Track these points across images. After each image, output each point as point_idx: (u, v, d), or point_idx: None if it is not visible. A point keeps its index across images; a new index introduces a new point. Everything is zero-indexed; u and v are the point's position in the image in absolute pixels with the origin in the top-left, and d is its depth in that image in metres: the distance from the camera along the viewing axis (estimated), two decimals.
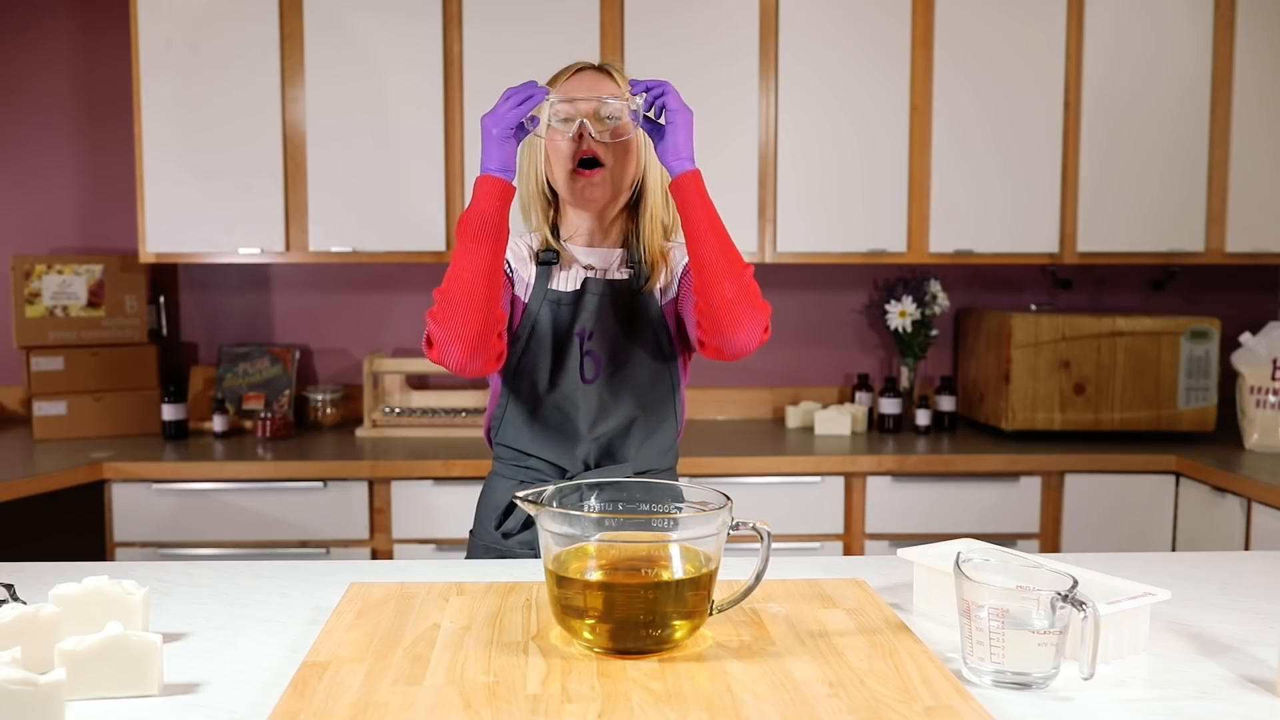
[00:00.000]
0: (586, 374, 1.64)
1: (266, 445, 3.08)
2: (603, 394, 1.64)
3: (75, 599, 1.18)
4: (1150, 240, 3.18)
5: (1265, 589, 1.49)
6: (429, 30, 3.03)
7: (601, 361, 1.64)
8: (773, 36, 3.09)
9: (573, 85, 1.63)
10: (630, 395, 1.65)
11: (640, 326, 1.66)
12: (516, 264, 1.67)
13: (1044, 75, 3.13)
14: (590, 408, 1.64)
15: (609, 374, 1.65)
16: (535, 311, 1.65)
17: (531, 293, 1.66)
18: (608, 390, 1.65)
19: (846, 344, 3.54)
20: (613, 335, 1.65)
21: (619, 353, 1.65)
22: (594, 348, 1.64)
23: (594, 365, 1.64)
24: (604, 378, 1.64)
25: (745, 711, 1.01)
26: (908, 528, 2.93)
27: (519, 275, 1.67)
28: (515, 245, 1.69)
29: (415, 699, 1.03)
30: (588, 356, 1.64)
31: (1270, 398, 2.95)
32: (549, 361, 1.64)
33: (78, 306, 3.16)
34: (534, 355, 1.65)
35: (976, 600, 1.11)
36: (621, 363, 1.65)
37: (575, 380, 1.63)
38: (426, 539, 2.86)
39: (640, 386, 1.66)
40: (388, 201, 3.07)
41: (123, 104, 3.35)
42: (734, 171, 3.11)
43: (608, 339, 1.65)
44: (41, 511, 3.00)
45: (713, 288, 1.49)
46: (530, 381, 1.65)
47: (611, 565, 1.16)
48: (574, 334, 1.64)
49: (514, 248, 1.68)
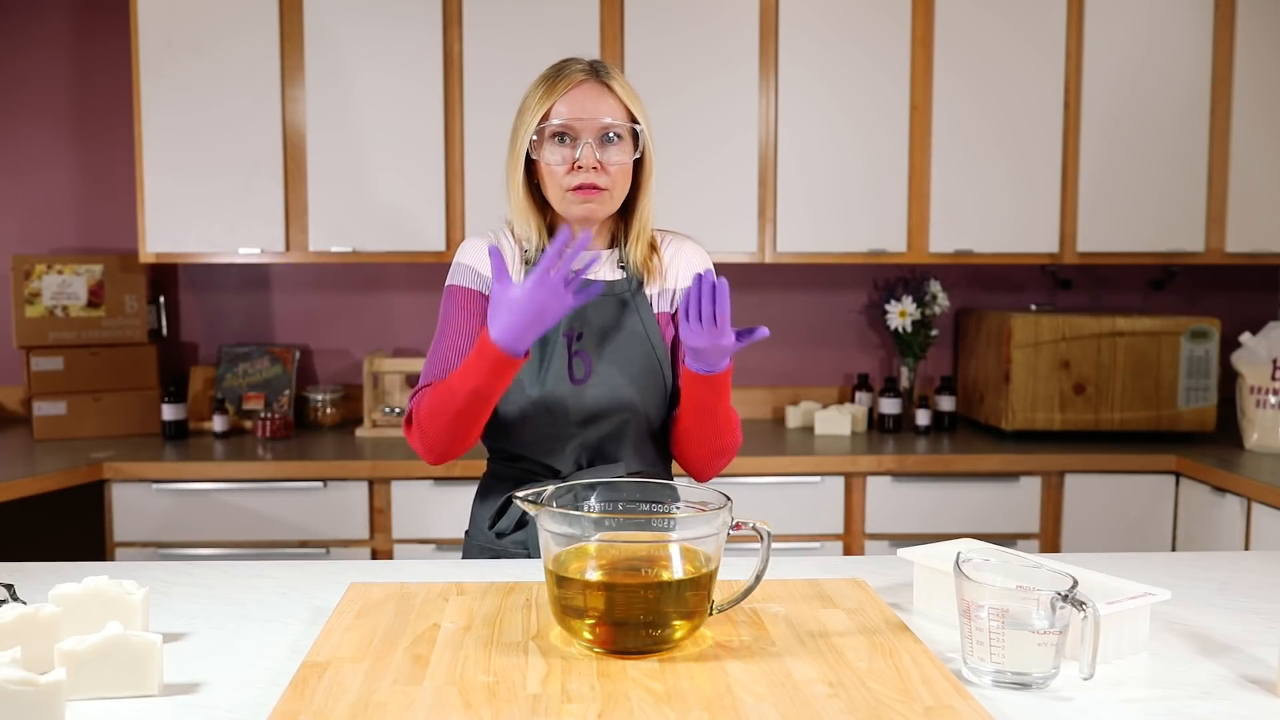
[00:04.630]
0: (576, 374, 1.60)
1: (266, 445, 3.08)
2: (593, 395, 1.60)
3: (75, 599, 1.18)
4: (1150, 240, 3.18)
5: (1265, 589, 1.49)
6: (429, 31, 3.03)
7: (592, 362, 1.61)
8: (772, 37, 3.09)
9: (572, 100, 1.56)
10: (622, 396, 1.61)
11: (632, 328, 1.63)
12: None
13: (1044, 75, 3.13)
14: (580, 409, 1.60)
15: (599, 375, 1.60)
16: None
17: None
18: (598, 391, 1.60)
19: (846, 344, 3.54)
20: (603, 336, 1.62)
21: (610, 353, 1.61)
22: (584, 348, 1.61)
23: (584, 366, 1.60)
24: (594, 379, 1.60)
25: (745, 711, 1.01)
26: (908, 528, 2.93)
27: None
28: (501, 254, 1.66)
29: (415, 699, 1.03)
30: (577, 357, 1.60)
31: (1270, 398, 2.95)
32: (536, 363, 1.60)
33: (78, 306, 3.16)
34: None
35: (976, 600, 1.11)
36: (612, 363, 1.61)
37: (564, 381, 1.59)
38: (426, 539, 2.86)
39: (632, 387, 1.61)
40: (388, 201, 3.07)
41: (123, 104, 3.35)
42: (734, 172, 3.11)
43: (598, 339, 1.61)
44: (41, 511, 3.00)
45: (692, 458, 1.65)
46: (518, 383, 1.60)
47: (611, 565, 1.16)
48: (561, 335, 1.60)
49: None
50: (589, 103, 1.56)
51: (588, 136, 1.55)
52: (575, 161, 1.55)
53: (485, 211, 3.06)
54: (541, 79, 1.61)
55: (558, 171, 1.56)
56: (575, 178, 1.55)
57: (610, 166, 1.56)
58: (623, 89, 1.59)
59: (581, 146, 1.54)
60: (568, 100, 1.56)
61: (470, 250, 1.66)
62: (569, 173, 1.56)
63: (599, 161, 1.55)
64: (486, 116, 3.05)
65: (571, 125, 1.55)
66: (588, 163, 1.54)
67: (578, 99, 1.56)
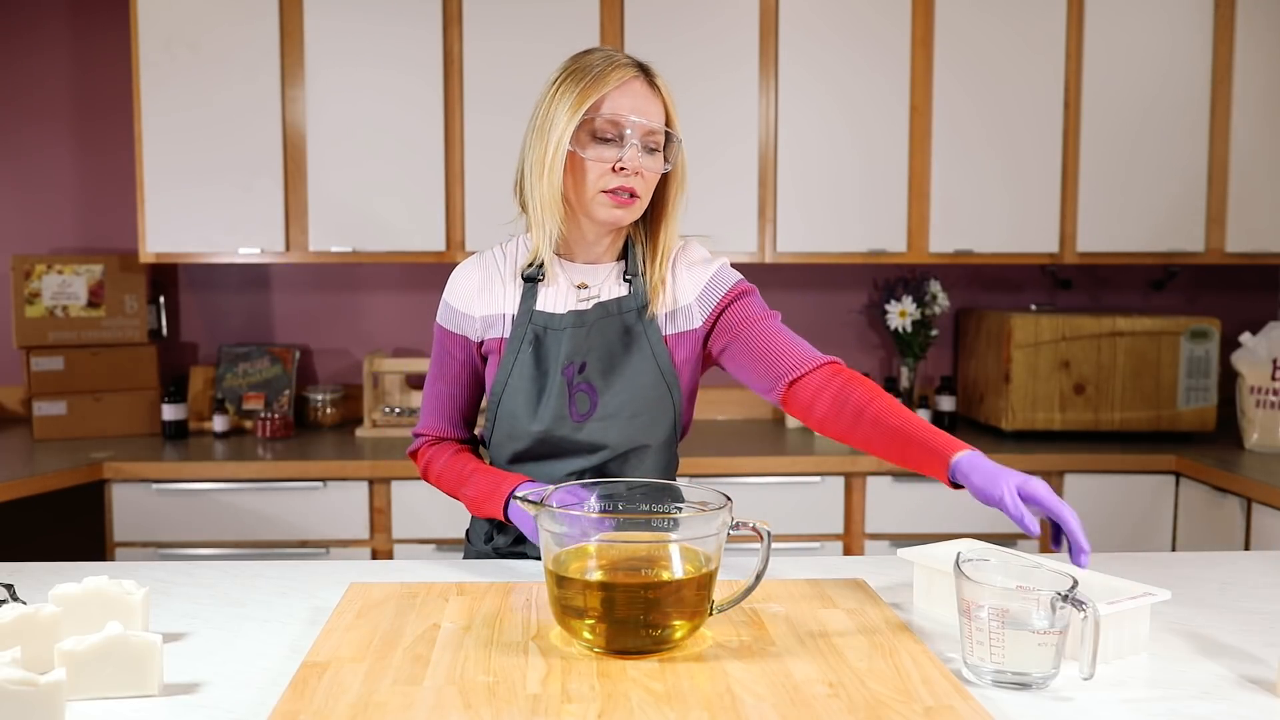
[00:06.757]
0: (579, 409, 1.50)
1: (266, 445, 3.08)
2: (597, 431, 1.51)
3: (75, 599, 1.18)
4: (1150, 240, 3.18)
5: (1265, 589, 1.49)
6: (429, 30, 3.03)
7: (596, 396, 1.51)
8: (772, 38, 3.09)
9: (625, 97, 1.44)
10: (628, 430, 1.51)
11: (639, 356, 1.52)
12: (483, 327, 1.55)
13: (1044, 75, 3.13)
14: (584, 444, 1.51)
15: (605, 409, 1.51)
16: (518, 346, 1.52)
17: (514, 322, 1.54)
18: (603, 426, 1.51)
19: (846, 344, 3.54)
20: (608, 365, 1.51)
21: (616, 385, 1.51)
22: (587, 380, 1.51)
23: (588, 400, 1.51)
24: (599, 412, 1.51)
25: (745, 711, 1.01)
26: (908, 528, 2.93)
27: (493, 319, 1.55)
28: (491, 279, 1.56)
29: (415, 699, 1.03)
30: (580, 391, 1.50)
31: (1270, 398, 2.95)
32: (535, 398, 1.51)
33: (78, 306, 3.16)
34: (517, 392, 1.52)
35: (976, 600, 1.11)
36: (618, 395, 1.51)
37: (565, 420, 1.50)
38: (426, 539, 2.86)
39: (639, 419, 1.52)
40: (388, 201, 3.07)
41: (123, 104, 3.35)
42: (734, 172, 3.11)
43: (602, 369, 1.51)
44: (41, 511, 3.00)
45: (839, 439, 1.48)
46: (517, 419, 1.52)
47: (611, 565, 1.16)
48: (561, 372, 1.50)
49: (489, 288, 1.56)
50: (640, 102, 1.45)
51: (635, 138, 1.43)
52: (618, 163, 1.43)
53: (485, 211, 3.06)
54: (580, 68, 1.46)
55: (595, 170, 1.44)
56: (615, 179, 1.44)
57: (647, 174, 1.46)
58: (667, 94, 1.49)
59: (628, 147, 1.43)
60: (617, 95, 1.44)
61: (456, 283, 1.58)
62: (609, 173, 1.44)
63: (640, 166, 1.44)
64: (487, 117, 3.05)
65: (623, 123, 1.43)
66: (633, 166, 1.43)
67: (630, 96, 1.44)
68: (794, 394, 1.49)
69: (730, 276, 1.57)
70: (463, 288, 1.57)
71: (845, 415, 1.43)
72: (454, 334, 1.58)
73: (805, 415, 1.48)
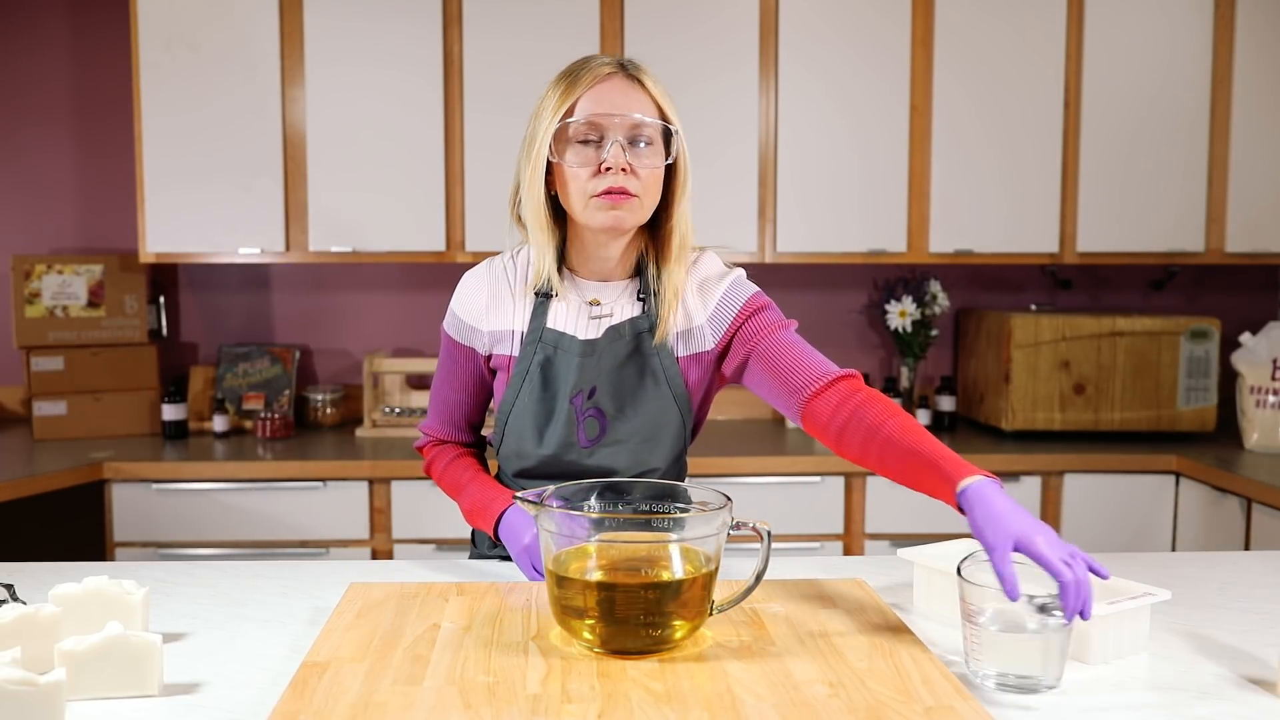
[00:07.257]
0: (588, 434, 1.47)
1: (266, 445, 3.08)
2: (607, 457, 1.49)
3: (75, 599, 1.18)
4: (1150, 240, 3.18)
5: (1265, 589, 1.49)
6: (429, 30, 3.03)
7: (606, 422, 1.48)
8: (772, 38, 3.09)
9: (598, 95, 1.39)
10: (638, 455, 1.49)
11: (651, 380, 1.49)
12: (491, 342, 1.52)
13: (1044, 75, 3.13)
14: (593, 469, 1.48)
15: (614, 435, 1.48)
16: (526, 367, 1.49)
17: (524, 340, 1.50)
18: (613, 452, 1.48)
19: (846, 344, 3.54)
20: (618, 391, 1.48)
21: (627, 412, 1.48)
22: (596, 405, 1.47)
23: (597, 426, 1.48)
24: (608, 438, 1.48)
25: (745, 711, 1.01)
26: (908, 528, 2.93)
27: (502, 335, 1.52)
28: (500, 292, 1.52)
29: (415, 699, 1.03)
30: (589, 417, 1.47)
31: (1270, 398, 2.95)
32: (542, 423, 1.49)
33: (78, 306, 3.16)
34: (524, 413, 1.50)
35: (979, 604, 1.11)
36: (629, 421, 1.48)
37: (573, 447, 1.48)
38: (426, 539, 2.86)
39: (649, 441, 1.49)
40: (388, 201, 3.07)
41: (123, 104, 3.35)
42: (734, 172, 3.11)
43: (612, 394, 1.47)
44: (41, 511, 3.00)
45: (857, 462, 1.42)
46: (522, 440, 1.51)
47: (611, 565, 1.16)
48: (569, 400, 1.47)
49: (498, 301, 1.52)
50: (617, 97, 1.38)
51: (616, 135, 1.37)
52: (602, 163, 1.37)
53: (485, 212, 3.06)
54: (562, 75, 1.43)
55: (581, 175, 1.39)
56: (602, 181, 1.38)
57: (640, 171, 1.39)
58: (654, 85, 1.42)
59: (609, 145, 1.37)
60: (592, 96, 1.39)
61: (464, 295, 1.54)
62: (594, 176, 1.38)
63: (628, 163, 1.38)
64: (487, 117, 3.05)
65: (597, 122, 1.38)
66: (616, 163, 1.37)
67: (604, 94, 1.39)
68: (811, 413, 1.42)
69: (740, 295, 1.52)
70: (471, 301, 1.53)
71: (859, 436, 1.37)
72: (461, 345, 1.55)
73: (823, 435, 1.41)
